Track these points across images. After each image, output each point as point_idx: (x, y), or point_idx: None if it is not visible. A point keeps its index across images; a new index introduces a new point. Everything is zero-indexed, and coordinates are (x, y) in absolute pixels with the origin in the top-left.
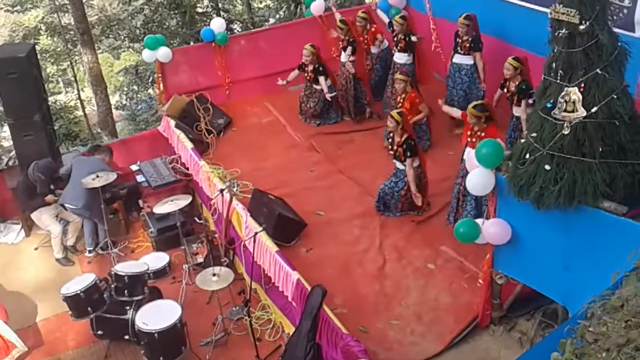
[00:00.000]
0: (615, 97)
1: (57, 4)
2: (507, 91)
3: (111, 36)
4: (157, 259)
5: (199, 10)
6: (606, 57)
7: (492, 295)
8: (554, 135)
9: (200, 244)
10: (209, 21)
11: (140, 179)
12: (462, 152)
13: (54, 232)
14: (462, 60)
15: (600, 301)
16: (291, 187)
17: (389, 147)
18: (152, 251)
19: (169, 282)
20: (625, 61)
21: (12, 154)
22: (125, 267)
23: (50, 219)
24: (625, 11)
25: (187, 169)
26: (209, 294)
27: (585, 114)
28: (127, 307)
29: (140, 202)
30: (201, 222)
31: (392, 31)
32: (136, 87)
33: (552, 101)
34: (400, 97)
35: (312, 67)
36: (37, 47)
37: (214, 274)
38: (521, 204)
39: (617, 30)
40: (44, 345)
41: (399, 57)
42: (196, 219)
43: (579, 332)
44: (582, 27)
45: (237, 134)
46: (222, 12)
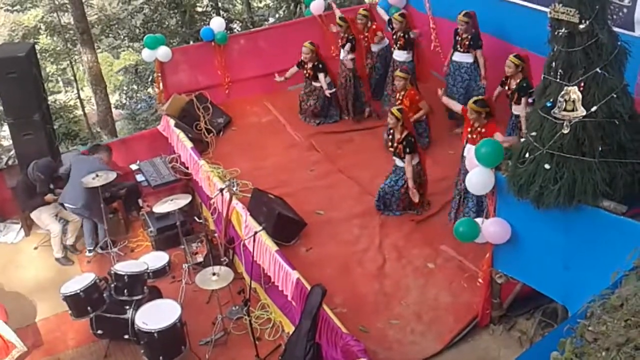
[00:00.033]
0: (614, 96)
1: (56, 3)
2: (507, 89)
3: (111, 35)
4: (156, 259)
5: (199, 9)
6: (606, 56)
7: (492, 294)
8: (553, 134)
9: (199, 244)
10: (208, 20)
11: (139, 178)
12: (463, 149)
13: (53, 232)
14: (461, 58)
15: (599, 300)
16: (291, 187)
17: (389, 143)
18: (151, 250)
19: (168, 282)
20: (625, 60)
21: (12, 153)
22: (125, 267)
23: (49, 218)
24: (625, 10)
25: (187, 168)
26: (209, 294)
27: (584, 113)
28: (127, 307)
29: (139, 201)
30: (201, 221)
31: (392, 29)
32: (136, 87)
33: (551, 100)
34: (399, 94)
35: (311, 64)
36: (37, 47)
37: (214, 274)
38: (521, 203)
39: (616, 29)
40: (43, 344)
41: (399, 54)
42: (196, 218)
43: (578, 332)
44: (581, 26)
45: (237, 134)
46: (221, 12)
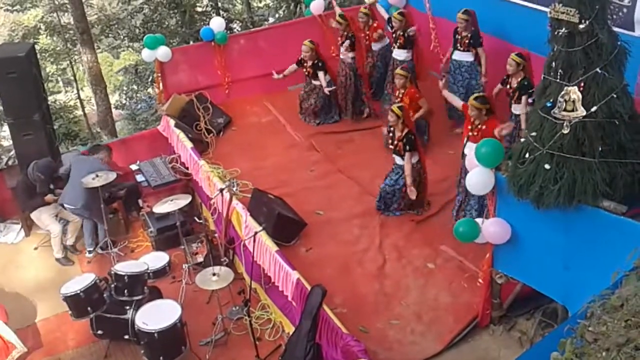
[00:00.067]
0: (614, 96)
1: (56, 3)
2: (509, 87)
3: (111, 35)
4: (156, 259)
5: (199, 9)
6: (606, 56)
7: (492, 294)
8: (553, 134)
9: (200, 244)
10: (208, 20)
11: (139, 178)
12: (463, 147)
13: (53, 232)
14: (462, 57)
15: (600, 300)
16: (291, 187)
17: (389, 141)
18: (151, 251)
19: (168, 282)
20: (624, 60)
21: (12, 153)
22: (125, 267)
23: (49, 218)
24: (624, 10)
25: (187, 168)
26: (209, 294)
27: (584, 113)
28: (127, 307)
29: (139, 201)
30: (201, 221)
31: (391, 28)
32: (136, 87)
33: (551, 100)
34: (399, 92)
35: (311, 62)
36: (37, 47)
37: (214, 274)
38: (521, 204)
39: (616, 29)
40: (43, 345)
41: (398, 53)
42: (196, 218)
43: (578, 332)
44: (581, 26)
45: (237, 134)
46: (221, 12)
